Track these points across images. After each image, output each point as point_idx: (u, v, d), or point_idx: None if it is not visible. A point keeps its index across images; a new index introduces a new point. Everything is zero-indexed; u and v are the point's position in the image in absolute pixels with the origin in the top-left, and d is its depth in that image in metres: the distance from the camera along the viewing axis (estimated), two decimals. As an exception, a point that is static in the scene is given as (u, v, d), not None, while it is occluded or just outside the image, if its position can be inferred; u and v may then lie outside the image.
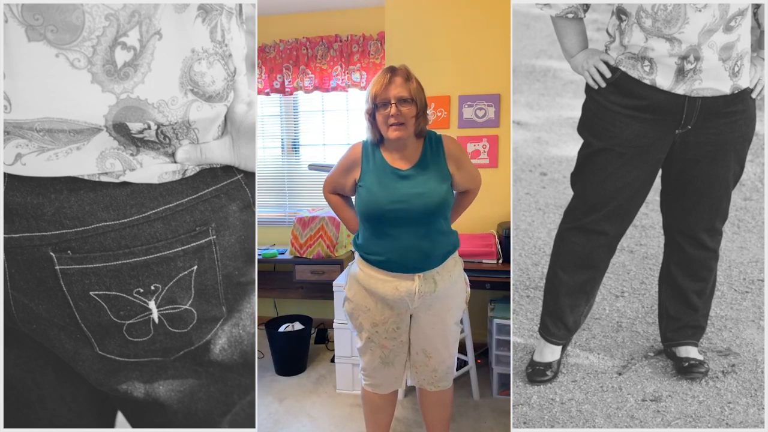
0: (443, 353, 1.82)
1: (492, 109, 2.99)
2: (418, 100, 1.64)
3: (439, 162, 1.70)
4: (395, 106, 1.60)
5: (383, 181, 1.66)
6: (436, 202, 1.65)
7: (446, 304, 1.75)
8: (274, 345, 2.99)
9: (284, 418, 2.52)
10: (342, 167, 1.76)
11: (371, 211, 1.67)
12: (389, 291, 1.68)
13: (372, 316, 1.74)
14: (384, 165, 1.68)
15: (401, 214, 1.63)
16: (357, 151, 1.73)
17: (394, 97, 1.60)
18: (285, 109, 3.80)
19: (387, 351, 1.80)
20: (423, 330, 1.77)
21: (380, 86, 1.62)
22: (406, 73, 1.66)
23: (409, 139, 1.67)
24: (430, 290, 1.68)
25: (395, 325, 1.75)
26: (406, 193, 1.63)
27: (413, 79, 1.66)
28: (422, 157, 1.69)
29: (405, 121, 1.61)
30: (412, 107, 1.62)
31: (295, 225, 3.34)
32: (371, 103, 1.65)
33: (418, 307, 1.72)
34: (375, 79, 1.66)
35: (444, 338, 1.80)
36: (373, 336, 1.78)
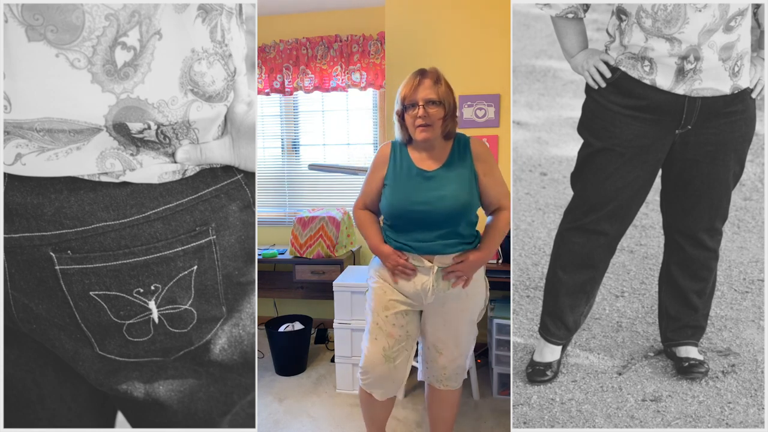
0: (453, 352, 1.83)
1: (492, 109, 2.99)
2: (446, 102, 1.68)
3: (465, 163, 1.73)
4: (423, 107, 1.65)
5: (409, 181, 1.70)
6: (459, 204, 1.67)
7: (462, 303, 1.77)
8: (274, 345, 2.99)
9: (284, 418, 2.52)
10: (372, 171, 1.80)
11: (394, 211, 1.71)
12: (406, 283, 1.73)
13: (387, 298, 1.76)
14: (410, 165, 1.72)
15: (424, 215, 1.67)
16: (386, 150, 1.78)
17: (422, 99, 1.65)
18: (285, 109, 3.80)
19: (392, 341, 1.76)
20: (435, 326, 1.80)
21: (410, 88, 1.68)
22: (436, 75, 1.70)
23: (437, 141, 1.71)
24: (444, 287, 1.71)
25: (405, 314, 1.77)
26: (429, 195, 1.67)
27: (442, 82, 1.70)
28: (449, 158, 1.73)
29: (432, 122, 1.66)
30: (440, 109, 1.67)
31: (295, 225, 3.34)
32: (401, 105, 1.70)
33: (431, 303, 1.75)
34: (405, 81, 1.71)
35: (455, 337, 1.81)
36: (382, 322, 1.76)
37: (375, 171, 1.79)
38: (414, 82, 1.68)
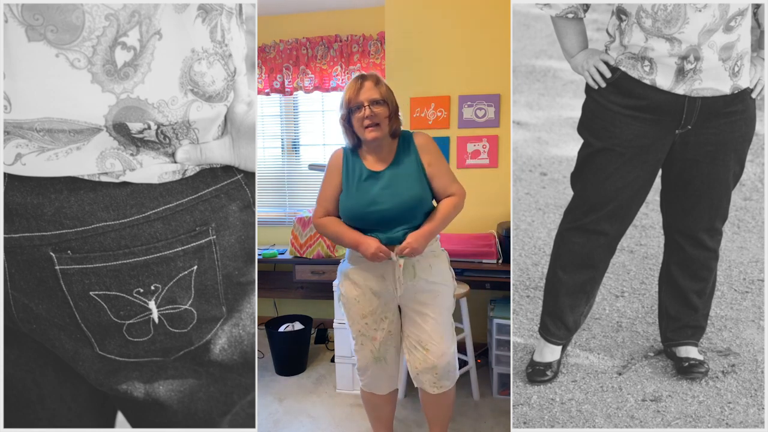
0: (440, 345, 1.79)
1: (492, 109, 2.99)
2: (389, 101, 1.77)
3: (411, 158, 1.78)
4: (368, 107, 1.72)
5: (361, 185, 1.76)
6: (413, 198, 1.72)
7: (431, 292, 1.78)
8: (274, 345, 2.99)
9: (284, 418, 2.52)
10: (327, 178, 1.84)
11: (352, 215, 1.76)
12: (376, 281, 1.77)
13: (361, 308, 1.80)
14: (362, 169, 1.78)
15: (379, 215, 1.71)
16: (338, 157, 1.83)
17: (367, 100, 1.73)
18: (285, 109, 3.80)
19: (377, 344, 1.83)
20: (414, 324, 1.81)
21: (353, 92, 1.75)
22: (376, 78, 1.79)
23: (385, 140, 1.78)
24: (410, 278, 1.74)
25: (383, 314, 1.81)
26: (380, 194, 1.72)
27: (383, 83, 1.79)
28: (396, 156, 1.79)
29: (380, 121, 1.73)
30: (385, 108, 1.74)
31: (295, 225, 3.34)
32: (345, 109, 1.78)
33: (403, 296, 1.78)
34: (347, 86, 1.79)
35: (438, 331, 1.79)
36: (363, 329, 1.83)
37: (330, 178, 1.82)
38: (356, 85, 1.76)
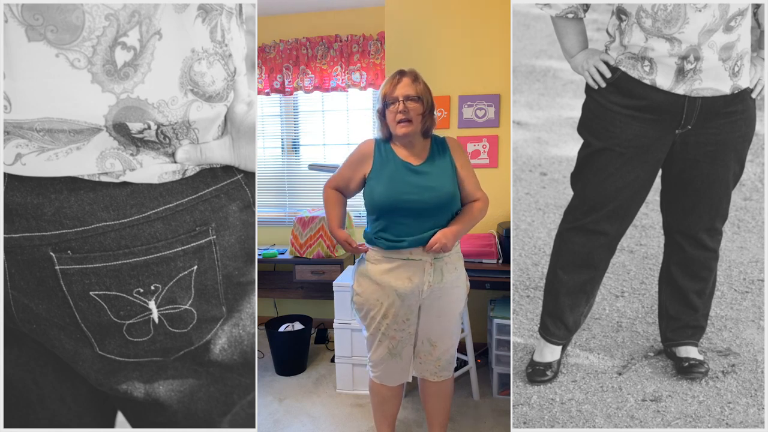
0: (447, 342, 1.89)
1: (492, 109, 2.99)
2: (424, 99, 1.78)
3: (445, 158, 1.81)
4: (403, 103, 1.74)
5: (396, 174, 1.76)
6: (446, 195, 1.75)
7: (452, 295, 1.83)
8: (274, 345, 2.99)
9: (284, 418, 2.52)
10: (352, 161, 1.85)
11: (384, 203, 1.74)
12: (402, 283, 1.76)
13: (384, 310, 1.80)
14: (396, 159, 1.79)
15: (413, 205, 1.72)
16: (369, 145, 1.84)
17: (402, 95, 1.75)
18: (285, 109, 3.80)
19: (395, 342, 1.85)
20: (431, 320, 1.83)
21: (390, 86, 1.78)
22: (414, 74, 1.80)
23: (416, 137, 1.79)
24: (437, 281, 1.77)
25: (405, 317, 1.81)
26: (418, 186, 1.73)
27: (420, 81, 1.81)
28: (431, 154, 1.81)
29: (412, 117, 1.74)
30: (419, 105, 1.76)
31: (295, 225, 3.34)
32: (381, 102, 1.79)
33: (427, 298, 1.79)
34: (385, 80, 1.81)
35: (449, 329, 1.87)
36: (383, 329, 1.83)
37: (357, 164, 1.82)
38: (394, 80, 1.78)
